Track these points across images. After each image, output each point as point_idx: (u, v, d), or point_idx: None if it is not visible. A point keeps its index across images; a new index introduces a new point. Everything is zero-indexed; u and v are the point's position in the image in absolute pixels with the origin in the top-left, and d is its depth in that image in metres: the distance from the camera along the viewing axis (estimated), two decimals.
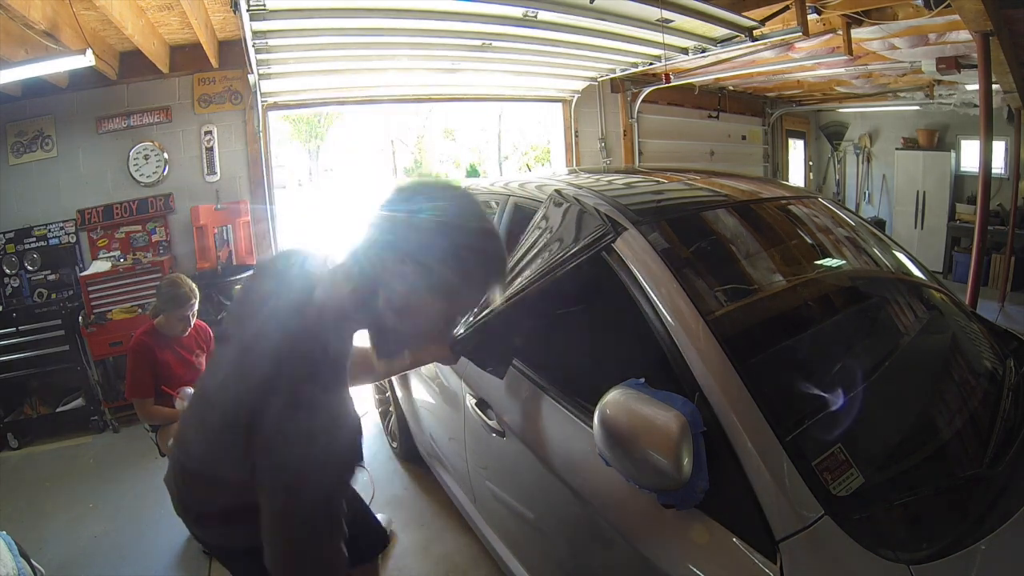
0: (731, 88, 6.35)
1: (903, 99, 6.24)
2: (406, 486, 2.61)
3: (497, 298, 0.99)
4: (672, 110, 5.86)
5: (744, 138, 6.95)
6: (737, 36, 3.25)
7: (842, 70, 4.74)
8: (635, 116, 5.42)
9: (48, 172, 3.69)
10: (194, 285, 2.28)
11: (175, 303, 2.20)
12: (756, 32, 3.16)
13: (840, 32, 3.35)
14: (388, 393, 2.70)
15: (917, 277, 1.69)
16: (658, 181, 1.97)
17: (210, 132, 3.94)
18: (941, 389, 1.30)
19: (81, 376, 3.45)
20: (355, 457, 0.85)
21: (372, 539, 1.40)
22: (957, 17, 2.70)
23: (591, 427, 1.00)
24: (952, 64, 3.79)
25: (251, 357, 0.88)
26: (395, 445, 2.86)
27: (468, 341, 1.35)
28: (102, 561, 2.22)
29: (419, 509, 2.43)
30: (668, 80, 4.24)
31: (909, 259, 1.75)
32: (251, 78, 3.29)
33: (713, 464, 0.92)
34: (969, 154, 6.37)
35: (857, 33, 3.40)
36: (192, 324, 2.30)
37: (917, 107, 6.40)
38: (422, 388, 2.16)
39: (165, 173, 3.87)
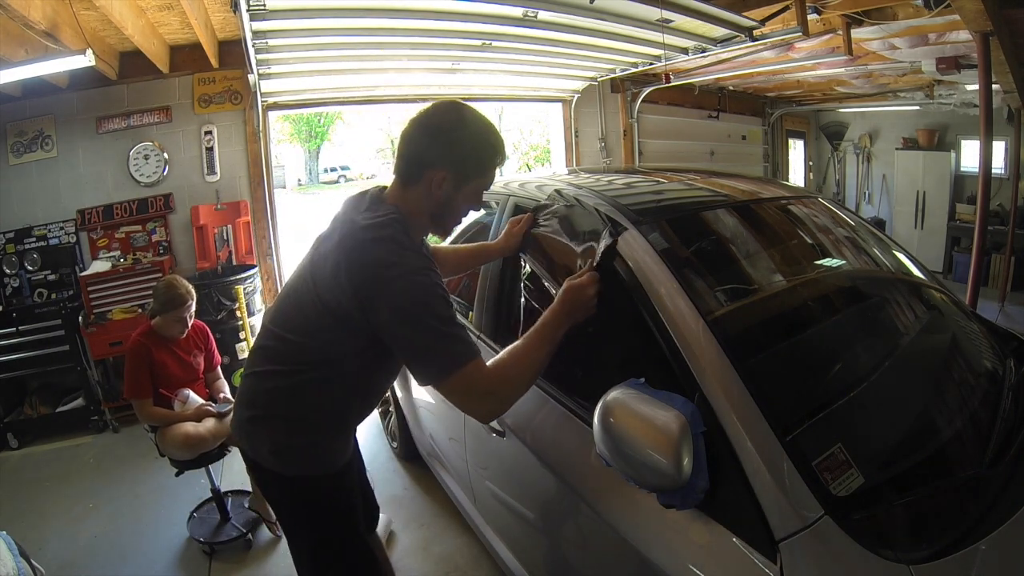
0: (731, 88, 6.35)
1: (903, 99, 6.24)
2: (406, 486, 2.61)
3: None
4: (672, 110, 5.86)
5: (744, 138, 6.96)
6: (737, 36, 3.26)
7: (842, 70, 4.74)
8: (635, 116, 5.42)
9: (48, 172, 3.69)
10: (191, 287, 2.26)
11: (172, 305, 2.19)
12: (756, 32, 3.17)
13: (840, 32, 3.35)
14: (388, 393, 2.70)
15: (917, 277, 1.69)
16: (658, 181, 1.97)
17: (210, 132, 3.94)
18: (941, 389, 1.30)
19: (81, 376, 3.44)
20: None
21: (374, 509, 1.56)
22: (957, 17, 2.70)
23: (591, 427, 1.00)
24: (952, 64, 3.79)
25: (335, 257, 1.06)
26: (395, 445, 2.86)
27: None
28: (102, 561, 2.22)
29: (419, 509, 2.43)
30: (668, 80, 4.24)
31: (909, 259, 1.75)
32: (251, 78, 3.29)
33: (713, 464, 0.92)
34: (969, 154, 6.37)
35: (857, 33, 3.40)
36: (190, 325, 2.29)
37: (917, 107, 6.40)
38: (422, 388, 2.16)
39: (165, 173, 3.88)
